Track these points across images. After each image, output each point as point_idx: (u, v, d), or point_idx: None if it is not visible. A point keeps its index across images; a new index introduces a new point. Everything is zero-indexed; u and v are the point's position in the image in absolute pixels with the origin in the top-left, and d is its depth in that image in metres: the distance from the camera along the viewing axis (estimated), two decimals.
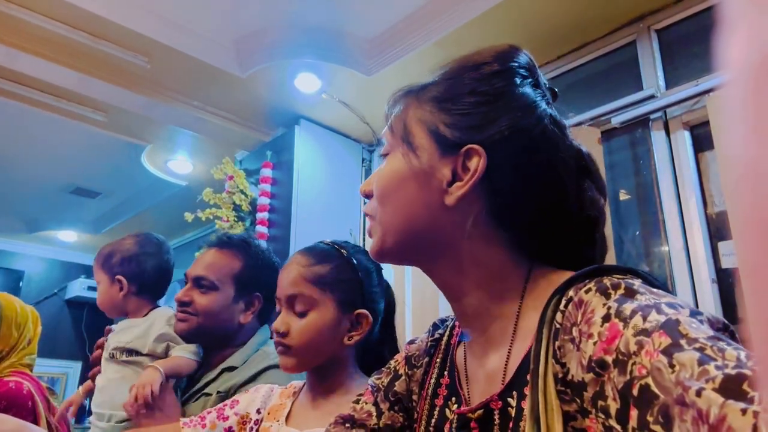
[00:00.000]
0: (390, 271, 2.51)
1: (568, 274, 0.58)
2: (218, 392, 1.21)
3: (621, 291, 0.47)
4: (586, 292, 0.50)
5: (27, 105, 2.61)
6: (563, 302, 0.51)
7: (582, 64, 2.23)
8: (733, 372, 0.35)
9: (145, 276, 1.46)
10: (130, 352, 1.33)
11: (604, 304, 0.47)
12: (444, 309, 2.26)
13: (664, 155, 1.90)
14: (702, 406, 0.34)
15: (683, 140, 1.88)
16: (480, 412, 0.59)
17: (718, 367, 0.36)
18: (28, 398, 1.49)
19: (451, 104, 0.62)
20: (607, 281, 0.49)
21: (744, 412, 0.32)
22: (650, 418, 0.38)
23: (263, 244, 1.46)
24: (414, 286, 2.41)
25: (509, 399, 0.56)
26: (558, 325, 0.51)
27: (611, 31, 2.13)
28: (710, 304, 1.70)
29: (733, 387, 0.34)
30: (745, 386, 0.34)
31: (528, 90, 0.63)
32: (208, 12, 2.29)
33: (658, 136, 1.93)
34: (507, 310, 0.60)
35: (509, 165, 0.59)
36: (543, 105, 0.63)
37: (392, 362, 0.78)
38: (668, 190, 1.87)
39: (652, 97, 1.93)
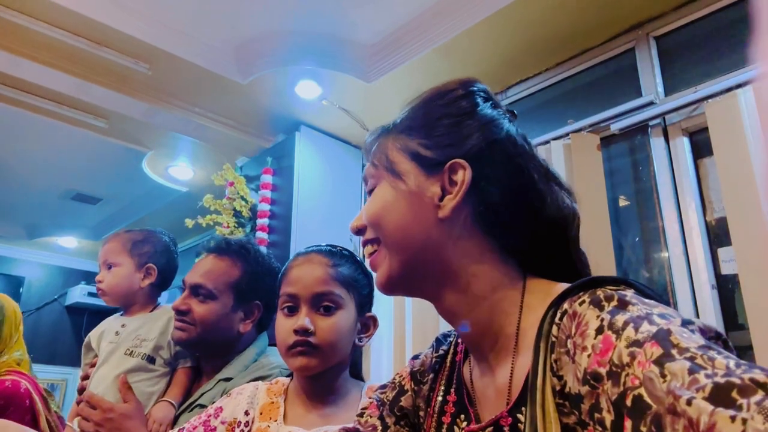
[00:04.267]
0: None
1: (561, 286, 0.59)
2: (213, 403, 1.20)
3: (614, 303, 0.48)
4: (580, 304, 0.50)
5: (28, 111, 2.62)
6: (558, 315, 0.52)
7: (581, 71, 2.24)
8: (722, 380, 0.35)
9: (170, 273, 1.49)
10: (151, 359, 1.34)
11: (598, 316, 0.48)
12: (444, 321, 2.25)
13: (663, 162, 1.90)
14: (692, 415, 0.35)
15: (682, 147, 1.89)
16: (490, 429, 0.59)
17: (707, 376, 0.36)
18: (26, 396, 1.49)
19: (426, 130, 0.67)
20: (600, 293, 0.50)
21: (733, 419, 0.33)
22: (643, 429, 0.39)
23: (263, 249, 1.44)
24: (415, 300, 2.41)
25: (519, 415, 0.56)
26: (554, 338, 0.51)
27: (610, 38, 2.14)
28: (710, 310, 1.70)
29: (722, 395, 0.35)
30: (734, 394, 0.34)
31: (489, 110, 0.68)
32: (209, 19, 2.30)
33: (657, 143, 1.94)
34: (508, 326, 0.61)
35: (491, 173, 0.63)
36: (506, 121, 0.68)
37: (397, 377, 0.78)
38: (668, 196, 1.87)
39: (651, 103, 1.94)
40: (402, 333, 2.42)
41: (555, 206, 0.65)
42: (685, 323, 0.43)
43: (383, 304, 2.54)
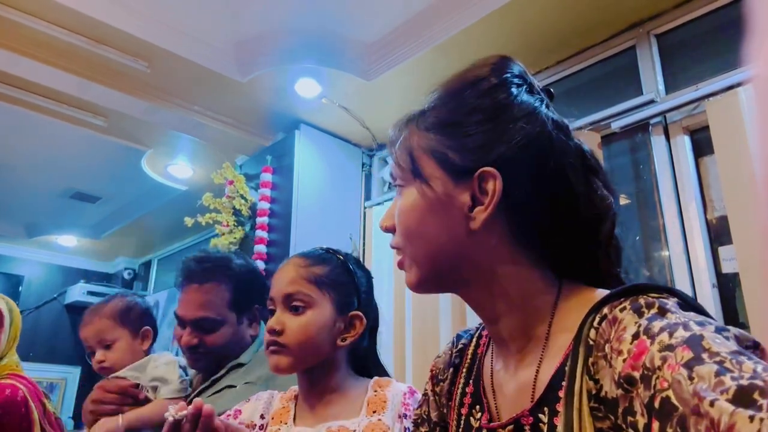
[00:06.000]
0: (390, 285, 2.51)
1: (597, 291, 0.59)
2: (246, 383, 1.23)
3: (654, 310, 0.48)
4: (621, 310, 0.50)
5: (27, 110, 2.61)
6: (597, 319, 0.52)
7: (581, 69, 2.23)
8: (746, 383, 0.35)
9: (157, 329, 1.52)
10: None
11: (636, 322, 0.48)
12: (445, 321, 2.25)
13: (664, 160, 1.90)
14: (714, 416, 0.35)
15: (683, 145, 1.88)
16: (510, 427, 0.59)
17: (733, 379, 0.36)
18: (22, 404, 1.50)
19: (454, 128, 0.62)
20: (642, 300, 0.50)
21: (752, 419, 0.33)
22: (670, 430, 0.39)
23: (233, 249, 1.47)
24: (414, 301, 2.40)
25: (540, 415, 0.56)
26: (591, 342, 0.51)
27: (611, 36, 2.13)
28: (711, 309, 1.69)
29: (744, 396, 0.35)
30: (756, 395, 0.34)
31: (526, 97, 0.63)
32: (208, 17, 2.30)
33: (657, 141, 1.93)
34: (540, 330, 0.61)
35: (523, 179, 0.60)
36: (543, 109, 0.62)
37: (426, 386, 0.79)
38: (668, 194, 1.87)
39: (651, 102, 1.93)
40: (402, 332, 2.42)
41: (590, 206, 0.61)
42: (720, 330, 0.43)
43: (383, 304, 2.53)
